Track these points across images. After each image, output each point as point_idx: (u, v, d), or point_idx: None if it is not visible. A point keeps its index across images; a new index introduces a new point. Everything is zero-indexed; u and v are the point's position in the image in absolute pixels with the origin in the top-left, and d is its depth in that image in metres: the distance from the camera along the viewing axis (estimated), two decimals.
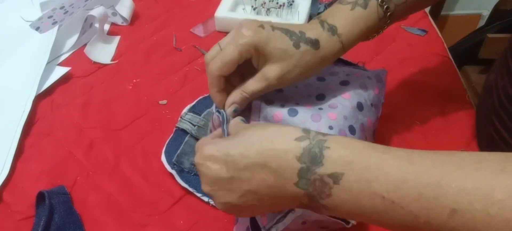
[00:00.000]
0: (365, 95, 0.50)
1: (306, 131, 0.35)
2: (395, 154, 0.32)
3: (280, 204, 0.37)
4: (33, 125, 0.64)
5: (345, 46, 0.46)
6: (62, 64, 0.75)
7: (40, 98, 0.68)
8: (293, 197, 0.35)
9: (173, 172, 0.56)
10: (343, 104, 0.47)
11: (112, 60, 0.76)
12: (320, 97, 0.49)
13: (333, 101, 0.48)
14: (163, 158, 0.57)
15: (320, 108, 0.47)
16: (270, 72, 0.44)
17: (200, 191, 0.54)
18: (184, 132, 0.59)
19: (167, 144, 0.59)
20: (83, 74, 0.73)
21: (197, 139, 0.58)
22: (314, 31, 0.44)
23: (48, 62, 0.72)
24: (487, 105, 0.59)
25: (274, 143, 0.35)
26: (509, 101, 0.53)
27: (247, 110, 0.47)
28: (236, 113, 0.45)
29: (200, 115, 0.61)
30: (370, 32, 0.48)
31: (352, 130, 0.46)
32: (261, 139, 0.36)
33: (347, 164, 0.32)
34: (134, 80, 0.71)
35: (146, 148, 0.60)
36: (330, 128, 0.44)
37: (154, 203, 0.54)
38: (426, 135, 0.61)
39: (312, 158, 0.33)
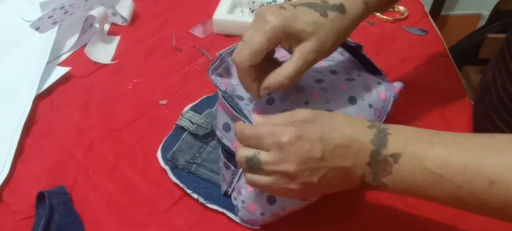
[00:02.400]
0: (365, 95, 0.50)
1: (371, 123, 0.41)
2: (442, 137, 0.38)
3: (347, 183, 0.41)
4: (33, 125, 0.65)
5: (369, 7, 0.47)
6: (62, 64, 0.75)
7: (40, 98, 0.68)
8: (361, 176, 0.40)
9: (167, 167, 0.56)
10: (333, 91, 0.50)
11: (112, 60, 0.76)
12: (319, 81, 0.51)
13: (326, 86, 0.50)
14: (159, 154, 0.57)
15: (310, 86, 0.50)
16: (306, 48, 0.43)
17: (190, 188, 0.54)
18: (183, 129, 0.59)
19: (164, 141, 0.59)
20: (83, 74, 0.73)
21: (195, 136, 0.58)
22: None
23: (48, 62, 0.72)
24: (485, 102, 0.59)
25: (352, 129, 0.40)
26: (509, 96, 0.54)
27: None
28: (267, 96, 0.48)
29: (201, 114, 0.61)
30: None
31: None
32: (341, 125, 0.40)
33: (404, 145, 0.38)
34: (134, 80, 0.71)
35: (146, 148, 0.60)
36: (306, 102, 0.48)
37: (154, 203, 0.54)
38: None
39: (380, 142, 0.39)
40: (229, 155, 0.50)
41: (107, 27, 0.82)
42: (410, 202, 0.52)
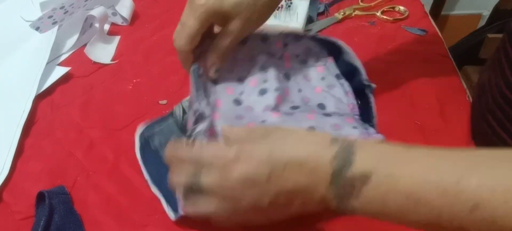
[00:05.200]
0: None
1: (335, 138, 0.37)
2: (416, 154, 0.34)
3: (307, 207, 0.38)
4: (33, 125, 0.64)
5: None
6: (62, 64, 0.75)
7: (40, 98, 0.68)
8: (321, 200, 0.36)
9: (137, 141, 0.56)
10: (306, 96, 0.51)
11: (112, 60, 0.76)
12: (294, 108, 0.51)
13: (302, 95, 0.52)
14: (139, 128, 0.57)
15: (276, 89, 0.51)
16: (233, 26, 0.47)
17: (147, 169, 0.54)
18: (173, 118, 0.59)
19: (152, 121, 0.59)
20: (83, 74, 0.73)
21: (181, 129, 0.57)
22: None
23: (48, 62, 0.72)
24: (481, 103, 0.59)
25: (310, 144, 0.36)
26: (504, 99, 0.54)
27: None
28: (217, 72, 0.50)
29: None
30: None
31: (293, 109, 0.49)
32: (298, 140, 0.37)
33: (373, 167, 0.34)
34: (134, 80, 0.71)
35: None
36: (273, 112, 0.48)
37: (154, 203, 0.54)
38: (426, 135, 0.61)
39: (343, 161, 0.35)
40: None
41: (107, 27, 0.82)
42: None
